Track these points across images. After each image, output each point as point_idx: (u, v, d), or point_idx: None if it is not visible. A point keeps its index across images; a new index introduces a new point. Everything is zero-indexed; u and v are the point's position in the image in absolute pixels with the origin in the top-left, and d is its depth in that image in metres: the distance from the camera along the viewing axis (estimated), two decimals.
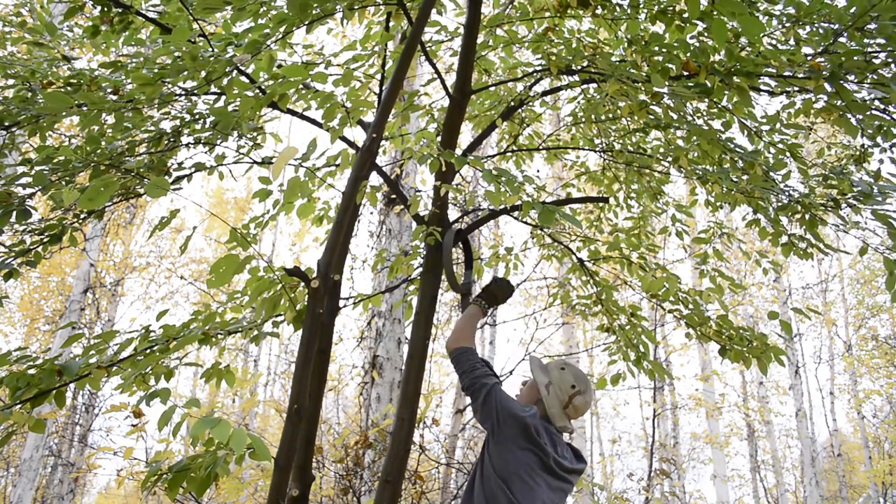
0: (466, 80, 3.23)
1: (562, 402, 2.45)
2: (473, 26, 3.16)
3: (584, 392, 2.47)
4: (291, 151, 2.05)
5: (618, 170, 4.10)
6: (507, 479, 2.25)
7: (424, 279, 3.18)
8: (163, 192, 2.14)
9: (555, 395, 2.45)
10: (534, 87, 3.77)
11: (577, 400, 2.45)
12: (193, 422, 2.08)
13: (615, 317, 3.94)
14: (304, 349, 2.38)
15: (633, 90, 2.89)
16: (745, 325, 3.64)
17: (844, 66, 2.57)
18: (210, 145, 3.05)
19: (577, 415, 2.48)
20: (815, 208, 2.95)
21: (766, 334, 3.51)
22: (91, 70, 2.96)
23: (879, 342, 14.54)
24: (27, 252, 2.99)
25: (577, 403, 2.45)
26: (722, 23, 2.47)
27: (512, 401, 2.40)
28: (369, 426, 5.91)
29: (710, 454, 14.11)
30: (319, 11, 2.73)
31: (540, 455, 2.30)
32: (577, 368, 2.55)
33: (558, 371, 2.51)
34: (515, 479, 2.26)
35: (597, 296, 3.97)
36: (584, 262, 3.99)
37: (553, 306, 9.58)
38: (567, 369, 2.52)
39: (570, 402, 2.44)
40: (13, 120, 2.75)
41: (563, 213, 2.23)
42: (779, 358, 3.42)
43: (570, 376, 2.48)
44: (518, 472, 2.27)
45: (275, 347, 16.02)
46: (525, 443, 2.29)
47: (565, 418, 2.45)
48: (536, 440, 2.29)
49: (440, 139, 3.33)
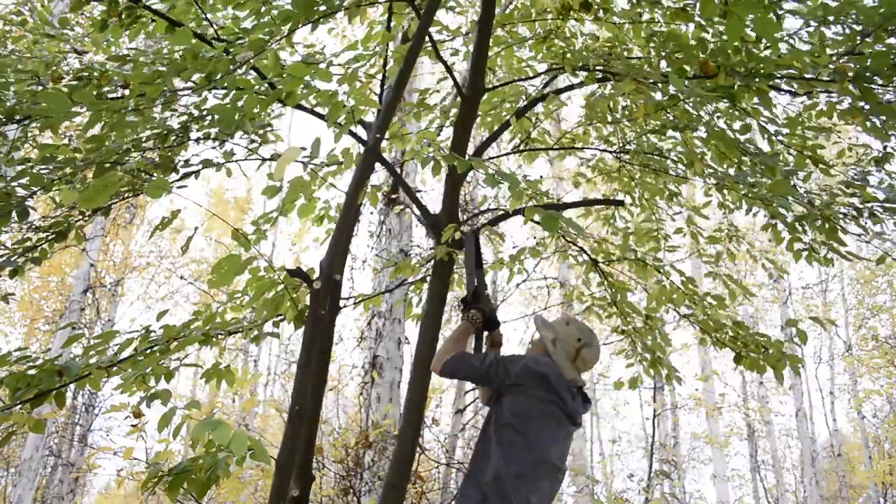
0: (480, 77, 3.14)
1: (569, 355, 2.47)
2: (487, 23, 3.07)
3: (590, 344, 2.50)
4: (295, 151, 2.05)
5: (633, 170, 4.05)
6: (524, 425, 2.28)
7: (434, 282, 3.14)
8: (164, 192, 2.13)
9: (562, 349, 2.47)
10: (549, 84, 3.73)
11: (585, 352, 2.48)
12: (194, 424, 2.07)
13: (630, 319, 3.90)
14: (305, 350, 2.37)
15: (650, 90, 2.84)
16: (760, 332, 3.58)
17: (870, 70, 2.52)
18: (219, 141, 3.02)
19: (586, 367, 2.51)
20: (836, 219, 2.89)
21: (782, 341, 3.43)
22: (102, 64, 2.94)
23: (879, 342, 14.53)
24: (32, 249, 2.97)
25: (585, 355, 2.48)
26: (737, 22, 2.44)
27: (523, 356, 2.42)
28: (369, 426, 5.90)
29: (710, 454, 14.09)
30: (325, 9, 2.71)
31: (559, 404, 2.34)
32: (582, 323, 2.58)
33: (563, 326, 2.54)
34: (533, 426, 2.29)
35: (611, 297, 3.91)
36: (598, 263, 3.93)
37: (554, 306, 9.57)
38: (572, 324, 2.55)
39: (578, 354, 2.47)
40: (25, 114, 2.73)
41: (568, 220, 2.18)
42: (795, 367, 3.35)
43: (576, 330, 2.51)
44: (536, 418, 2.30)
45: (275, 347, 16.01)
46: (545, 393, 2.33)
47: (574, 371, 2.47)
48: (556, 389, 2.33)
49: (451, 139, 3.29)
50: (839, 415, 16.06)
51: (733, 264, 14.22)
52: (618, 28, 3.45)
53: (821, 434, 18.28)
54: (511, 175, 2.48)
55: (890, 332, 14.73)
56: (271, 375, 15.50)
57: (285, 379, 11.22)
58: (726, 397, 15.45)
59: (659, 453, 13.85)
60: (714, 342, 3.65)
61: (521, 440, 2.27)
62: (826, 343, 16.47)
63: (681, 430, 16.45)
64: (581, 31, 3.76)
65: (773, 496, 15.57)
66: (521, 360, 2.38)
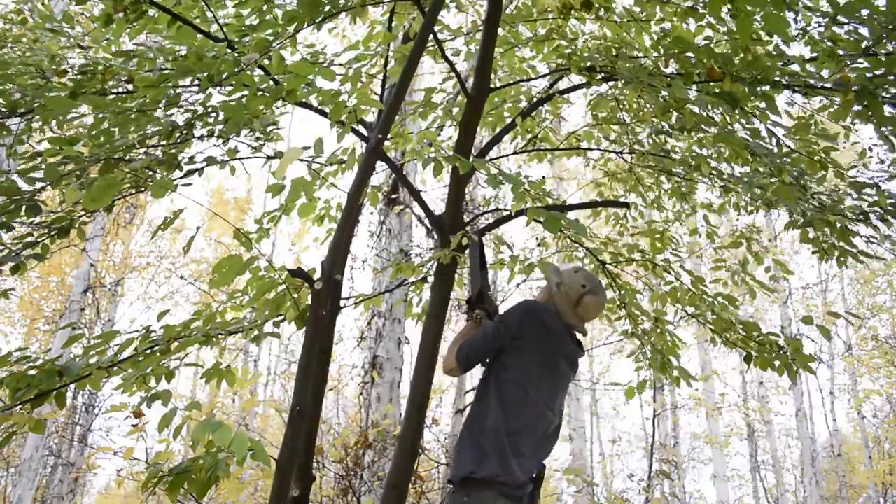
0: (485, 77, 3.11)
1: (571, 300, 2.48)
2: (493, 21, 3.03)
3: (594, 293, 2.50)
4: (297, 151, 2.04)
5: (642, 171, 4.03)
6: (525, 380, 2.31)
7: (437, 282, 3.13)
8: (167, 192, 2.13)
9: (565, 295, 2.48)
10: (555, 84, 3.71)
11: (588, 299, 2.48)
12: (194, 424, 2.07)
13: (639, 322, 3.86)
14: (305, 350, 2.37)
15: (655, 92, 2.82)
16: (773, 332, 3.52)
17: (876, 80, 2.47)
18: (223, 138, 3.01)
19: (588, 315, 2.51)
20: (843, 221, 2.86)
21: (799, 340, 3.39)
22: (106, 59, 2.92)
23: (879, 342, 14.52)
24: (34, 245, 2.95)
25: (587, 302, 2.48)
26: (747, 19, 2.42)
27: (520, 305, 2.44)
28: (369, 426, 5.90)
29: (710, 454, 14.10)
30: (330, 9, 2.70)
31: (556, 346, 2.38)
32: (591, 273, 2.58)
33: (571, 273, 2.55)
34: (533, 381, 2.32)
35: (620, 299, 3.87)
36: (605, 265, 3.89)
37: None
38: (580, 272, 2.55)
39: (580, 300, 2.47)
40: (29, 107, 2.71)
41: (571, 221, 2.18)
42: (807, 366, 3.30)
43: (582, 277, 2.52)
44: (535, 372, 2.33)
45: (275, 347, 16.00)
46: (543, 339, 2.36)
47: (576, 317, 2.49)
48: (550, 330, 2.37)
49: (456, 139, 3.26)
50: (839, 415, 16.07)
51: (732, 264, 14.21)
52: (620, 27, 3.44)
53: (821, 434, 18.30)
54: (513, 176, 2.46)
55: (890, 332, 14.73)
56: (271, 375, 15.50)
57: (285, 379, 11.22)
58: (726, 397, 15.46)
59: (659, 453, 13.85)
60: (725, 342, 3.61)
61: (521, 395, 2.29)
62: (826, 343, 16.47)
63: (681, 430, 16.45)
64: (582, 30, 3.76)
65: (773, 496, 15.56)
66: (519, 311, 2.41)
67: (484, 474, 2.18)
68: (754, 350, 3.48)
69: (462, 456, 2.26)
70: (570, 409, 11.46)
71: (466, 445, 2.28)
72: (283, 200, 3.50)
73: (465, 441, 2.30)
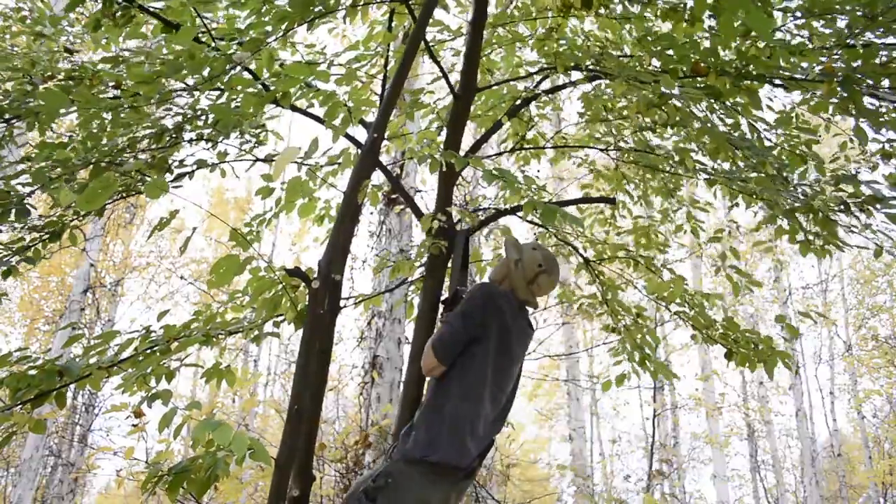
0: (472, 77, 3.19)
1: (527, 277, 2.60)
2: (479, 23, 3.13)
3: (549, 272, 2.63)
4: (293, 151, 2.05)
5: (627, 168, 4.08)
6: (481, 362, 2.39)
7: (427, 282, 3.16)
8: (162, 193, 2.13)
9: (521, 271, 2.60)
10: (541, 84, 3.74)
11: (542, 279, 2.61)
12: (195, 424, 2.07)
13: (620, 317, 3.94)
14: (304, 349, 2.37)
15: (641, 90, 2.87)
16: (750, 329, 3.62)
17: (858, 70, 2.51)
18: (213, 142, 3.02)
19: (542, 292, 2.65)
20: (826, 209, 2.91)
21: (772, 338, 3.48)
22: (93, 64, 2.93)
23: (879, 342, 14.52)
24: (26, 249, 2.96)
25: (542, 282, 2.62)
26: (730, 18, 2.45)
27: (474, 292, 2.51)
28: (369, 426, 5.90)
29: (710, 454, 14.10)
30: (321, 9, 2.71)
31: (511, 328, 2.47)
32: (548, 251, 2.70)
33: (530, 250, 2.66)
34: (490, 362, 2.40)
35: (602, 295, 3.95)
36: (589, 262, 3.98)
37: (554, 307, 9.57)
38: (538, 250, 2.67)
39: (536, 279, 2.60)
40: (14, 113, 2.72)
41: (566, 213, 2.22)
42: (785, 362, 3.40)
43: (539, 256, 2.64)
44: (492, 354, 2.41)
45: (275, 347, 16.01)
46: (498, 320, 2.44)
47: (529, 293, 2.61)
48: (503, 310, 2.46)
49: (444, 138, 3.31)
50: (839, 415, 16.08)
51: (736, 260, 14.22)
52: (618, 26, 3.46)
53: (821, 434, 18.31)
54: (508, 172, 2.53)
55: (890, 331, 14.73)
56: (271, 375, 15.50)
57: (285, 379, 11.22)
58: (726, 397, 15.46)
59: (659, 453, 13.85)
60: (705, 339, 3.70)
61: (480, 380, 2.37)
62: (826, 343, 16.48)
63: (681, 430, 16.46)
64: (581, 28, 3.77)
65: (773, 496, 15.57)
66: (479, 300, 2.47)
67: (437, 458, 2.27)
68: (733, 347, 3.55)
69: (417, 436, 2.33)
70: (570, 409, 11.47)
71: (423, 427, 2.35)
72: (276, 202, 3.50)
73: (423, 422, 2.37)
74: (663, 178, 3.99)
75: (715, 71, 2.76)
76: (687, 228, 4.17)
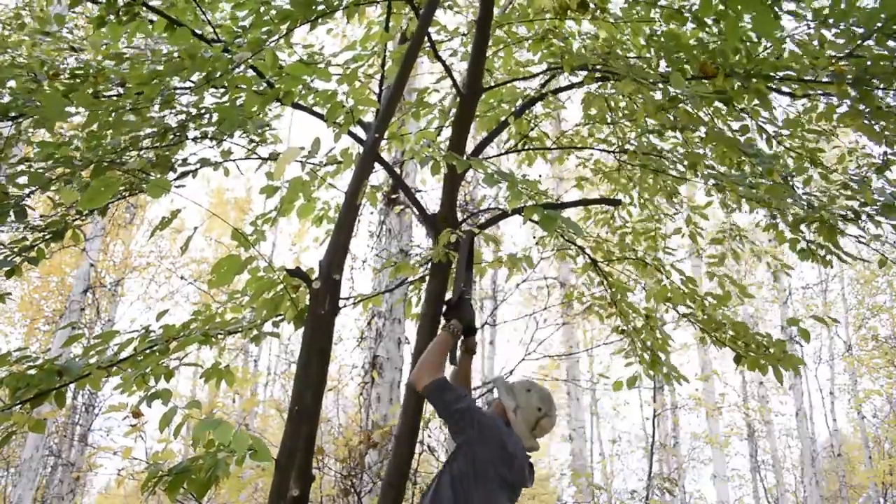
0: (478, 77, 3.15)
1: (529, 424, 2.56)
2: (486, 22, 3.09)
3: (549, 414, 2.60)
4: (294, 151, 2.05)
5: (632, 170, 4.06)
6: (478, 481, 2.35)
7: (431, 283, 3.15)
8: (164, 192, 2.13)
9: (522, 419, 2.55)
10: (548, 84, 3.73)
11: (544, 422, 2.59)
12: (195, 423, 2.07)
13: (630, 319, 3.91)
14: (304, 349, 2.37)
15: (649, 90, 2.84)
16: (761, 332, 3.57)
17: (869, 72, 2.50)
18: (217, 140, 3.02)
19: (543, 434, 2.63)
20: (835, 219, 2.88)
21: (784, 341, 3.43)
22: (99, 62, 2.92)
23: (879, 342, 14.52)
24: (29, 249, 2.97)
25: (544, 424, 2.59)
26: (735, 20, 2.44)
27: (494, 419, 2.50)
28: (369, 426, 5.91)
29: (710, 454, 14.09)
30: (323, 8, 2.71)
31: (510, 474, 2.42)
32: (542, 389, 2.66)
33: (525, 394, 2.61)
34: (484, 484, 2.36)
35: (611, 297, 3.93)
36: (597, 263, 3.95)
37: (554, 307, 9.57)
38: (533, 391, 2.62)
39: (537, 424, 2.57)
40: (20, 111, 2.72)
41: (566, 219, 2.18)
42: (795, 367, 3.34)
43: (536, 399, 2.59)
44: (490, 477, 2.38)
45: (275, 347, 16.01)
46: (500, 460, 2.40)
47: (532, 439, 2.58)
48: (510, 459, 2.42)
49: (449, 138, 3.29)
50: (839, 415, 16.07)
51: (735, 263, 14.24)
52: (615, 27, 3.45)
53: (821, 434, 18.29)
54: (510, 174, 2.49)
55: (890, 332, 14.73)
56: (271, 375, 15.51)
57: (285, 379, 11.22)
58: (726, 397, 15.46)
59: (659, 453, 13.85)
60: (714, 342, 3.66)
61: (474, 494, 2.34)
62: (826, 343, 16.48)
63: (681, 430, 16.45)
64: (579, 30, 3.77)
65: (773, 496, 15.57)
66: (491, 422, 2.46)
67: None
68: (742, 350, 3.51)
69: None
70: (570, 409, 11.47)
71: None
72: (279, 202, 3.50)
73: None
74: (665, 180, 3.96)
75: (723, 72, 2.73)
76: (686, 232, 4.16)
